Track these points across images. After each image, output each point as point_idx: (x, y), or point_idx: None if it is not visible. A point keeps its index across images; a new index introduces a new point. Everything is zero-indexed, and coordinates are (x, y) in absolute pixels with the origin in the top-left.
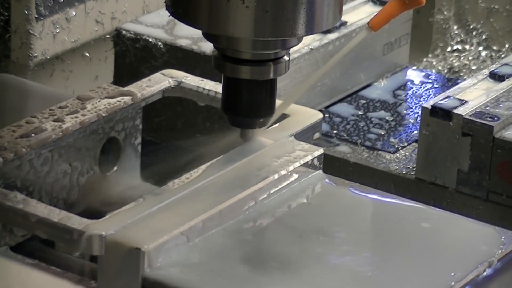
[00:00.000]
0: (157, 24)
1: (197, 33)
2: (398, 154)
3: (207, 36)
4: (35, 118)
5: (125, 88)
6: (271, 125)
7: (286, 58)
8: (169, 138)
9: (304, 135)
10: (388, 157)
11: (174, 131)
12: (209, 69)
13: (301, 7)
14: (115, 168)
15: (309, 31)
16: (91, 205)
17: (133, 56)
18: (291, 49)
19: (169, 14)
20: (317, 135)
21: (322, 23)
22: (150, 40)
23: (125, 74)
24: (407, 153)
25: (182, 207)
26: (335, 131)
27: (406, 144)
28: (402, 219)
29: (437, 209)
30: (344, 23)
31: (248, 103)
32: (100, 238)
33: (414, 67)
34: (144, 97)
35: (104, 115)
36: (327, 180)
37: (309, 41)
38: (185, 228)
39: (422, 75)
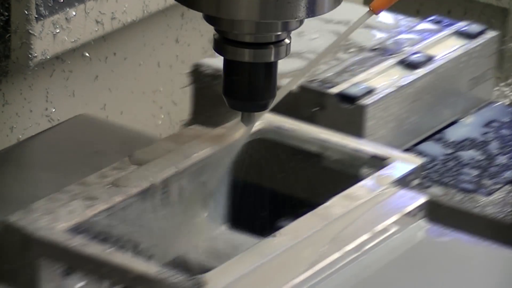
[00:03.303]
0: None
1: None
2: (493, 197)
3: (208, 18)
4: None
5: (219, 128)
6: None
7: (287, 41)
8: (261, 182)
9: (402, 182)
10: (483, 199)
11: (266, 175)
12: (293, 105)
13: None
14: (205, 214)
15: (310, 13)
16: (180, 254)
17: (213, 93)
18: (379, 87)
19: None
20: (416, 182)
21: (323, 6)
22: None
23: (203, 111)
24: (502, 196)
25: (283, 264)
26: (425, 172)
27: (500, 185)
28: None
29: None
30: (431, 58)
31: (249, 86)
32: None
33: (499, 102)
34: (237, 141)
35: (196, 160)
36: (430, 230)
37: (395, 79)
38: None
39: (508, 111)
